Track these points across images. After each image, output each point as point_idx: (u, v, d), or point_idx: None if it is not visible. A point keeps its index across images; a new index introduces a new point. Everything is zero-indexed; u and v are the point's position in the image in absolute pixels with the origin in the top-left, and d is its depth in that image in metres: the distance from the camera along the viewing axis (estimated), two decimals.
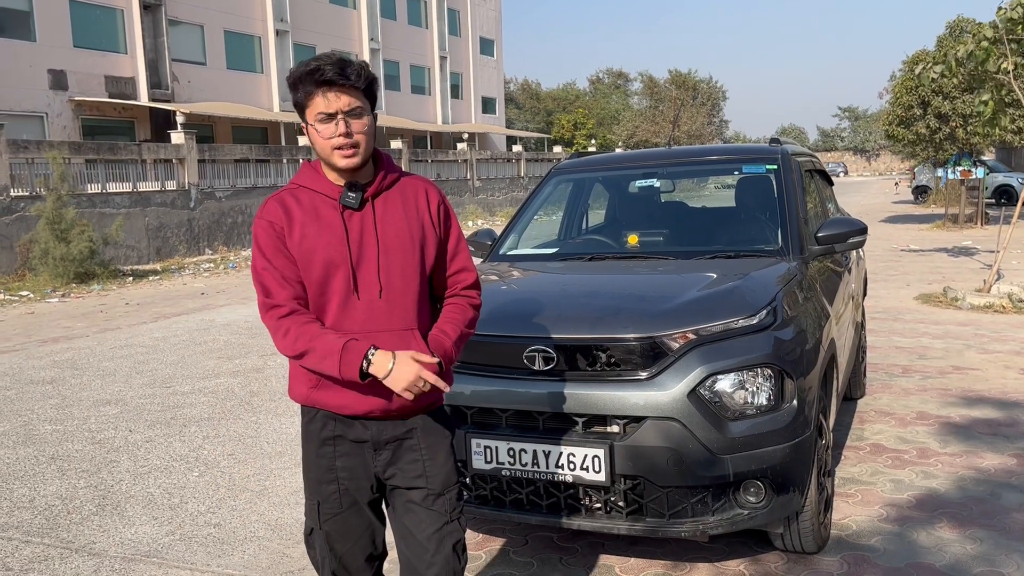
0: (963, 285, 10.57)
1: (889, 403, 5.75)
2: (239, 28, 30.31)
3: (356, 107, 2.17)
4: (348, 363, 2.12)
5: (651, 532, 3.11)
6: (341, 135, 2.15)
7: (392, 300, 2.25)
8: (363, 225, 2.24)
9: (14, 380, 7.65)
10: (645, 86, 70.28)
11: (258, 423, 5.96)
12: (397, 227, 2.27)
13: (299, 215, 2.23)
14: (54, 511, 4.45)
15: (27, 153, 16.88)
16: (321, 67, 2.13)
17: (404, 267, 2.26)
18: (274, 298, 2.20)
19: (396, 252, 2.26)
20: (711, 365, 3.04)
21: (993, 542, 3.60)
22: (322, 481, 2.34)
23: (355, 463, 2.32)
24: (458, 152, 34.40)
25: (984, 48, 9.13)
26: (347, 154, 2.18)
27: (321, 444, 2.32)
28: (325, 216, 2.23)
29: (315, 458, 2.33)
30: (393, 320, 2.25)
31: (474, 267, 2.46)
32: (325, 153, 2.20)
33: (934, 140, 21.49)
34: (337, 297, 2.22)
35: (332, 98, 2.15)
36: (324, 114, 2.15)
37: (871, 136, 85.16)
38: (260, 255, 2.23)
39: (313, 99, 2.16)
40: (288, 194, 2.27)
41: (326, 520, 2.35)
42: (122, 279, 15.87)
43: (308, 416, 2.34)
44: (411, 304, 2.28)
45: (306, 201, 2.25)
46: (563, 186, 5.16)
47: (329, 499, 2.34)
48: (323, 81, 2.13)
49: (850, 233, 4.12)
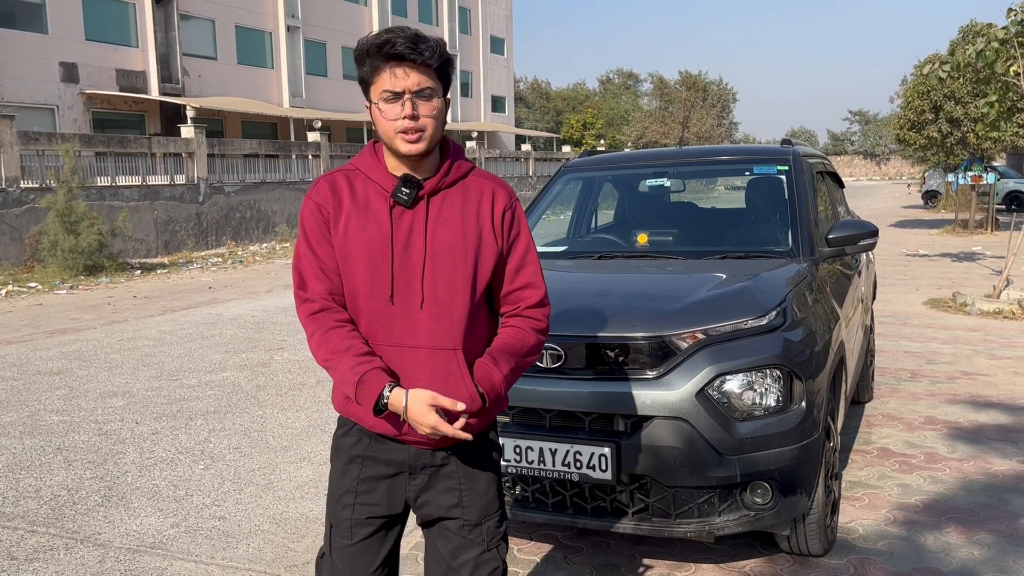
0: (973, 290, 10.52)
1: (897, 407, 5.72)
2: (250, 23, 30.37)
3: (426, 88, 1.95)
4: (364, 399, 1.93)
5: (657, 532, 3.10)
6: (407, 117, 1.94)
7: (436, 313, 2.00)
8: (412, 225, 2.01)
9: (22, 371, 7.68)
10: (655, 87, 70.21)
11: (264, 417, 5.96)
12: (450, 232, 2.03)
13: (348, 202, 2.03)
14: (60, 501, 4.46)
15: (38, 145, 16.93)
16: (392, 40, 1.92)
17: (452, 278, 2.01)
18: (307, 291, 2.02)
19: (444, 260, 2.01)
20: (720, 365, 3.02)
21: (1000, 548, 3.58)
22: (339, 503, 2.13)
23: (379, 487, 2.10)
24: (467, 150, 34.43)
25: (994, 48, 9.10)
26: (411, 139, 1.96)
27: (350, 460, 2.11)
28: (375, 209, 2.02)
29: (340, 476, 2.14)
30: (435, 336, 2.00)
31: (543, 284, 2.16)
32: (388, 136, 1.98)
33: (945, 145, 21.41)
34: (373, 301, 2.01)
35: (401, 75, 1.93)
36: (390, 92, 1.94)
37: (881, 140, 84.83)
38: (303, 240, 2.05)
39: (380, 75, 1.95)
40: (342, 176, 2.08)
41: (337, 549, 2.14)
42: (130, 272, 15.92)
43: (344, 428, 2.15)
44: (458, 320, 2.02)
45: (359, 188, 2.05)
46: (573, 184, 5.15)
47: (341, 525, 2.13)
48: (393, 55, 1.92)
49: (860, 235, 4.09)
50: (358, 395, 1.93)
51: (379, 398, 1.91)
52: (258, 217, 22.54)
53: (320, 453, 5.13)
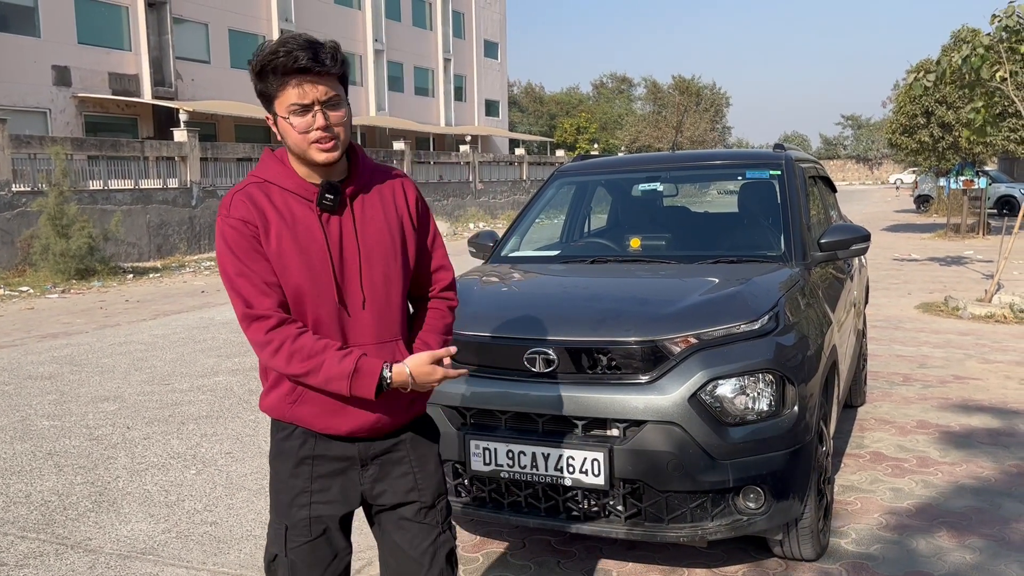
0: (964, 295, 10.56)
1: (889, 411, 5.73)
2: (243, 27, 30.34)
3: (333, 96, 1.97)
4: (362, 386, 1.98)
5: (649, 537, 3.10)
6: (320, 128, 1.96)
7: (376, 311, 2.08)
8: (342, 230, 2.05)
9: (12, 375, 7.64)
10: (648, 91, 70.31)
11: (256, 421, 5.94)
12: (378, 231, 2.10)
13: (274, 216, 2.01)
14: (50, 507, 4.43)
15: (29, 148, 16.88)
16: (293, 53, 1.91)
17: (387, 275, 2.10)
18: (256, 308, 1.97)
19: (378, 259, 2.09)
20: (712, 370, 3.03)
21: (992, 552, 3.58)
22: (293, 505, 2.12)
23: (334, 484, 2.13)
24: (461, 154, 34.42)
25: (980, 55, 9.16)
26: (326, 147, 1.97)
27: (298, 463, 2.11)
28: (302, 219, 2.02)
29: (288, 478, 2.13)
30: (379, 332, 2.09)
31: (451, 264, 2.33)
32: (300, 147, 1.98)
33: (937, 149, 21.51)
34: (318, 309, 2.03)
35: (308, 88, 1.94)
36: (299, 105, 1.94)
37: (874, 144, 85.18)
38: (233, 259, 1.99)
39: (285, 89, 1.94)
40: (257, 190, 2.04)
41: (293, 548, 2.12)
42: (122, 276, 15.87)
43: (284, 432, 2.13)
44: (395, 314, 2.13)
45: (279, 200, 2.03)
46: (566, 188, 5.15)
47: (298, 525, 2.12)
48: (296, 69, 1.92)
49: (853, 240, 4.10)
50: (354, 385, 1.97)
51: (381, 380, 1.99)
52: None
53: None
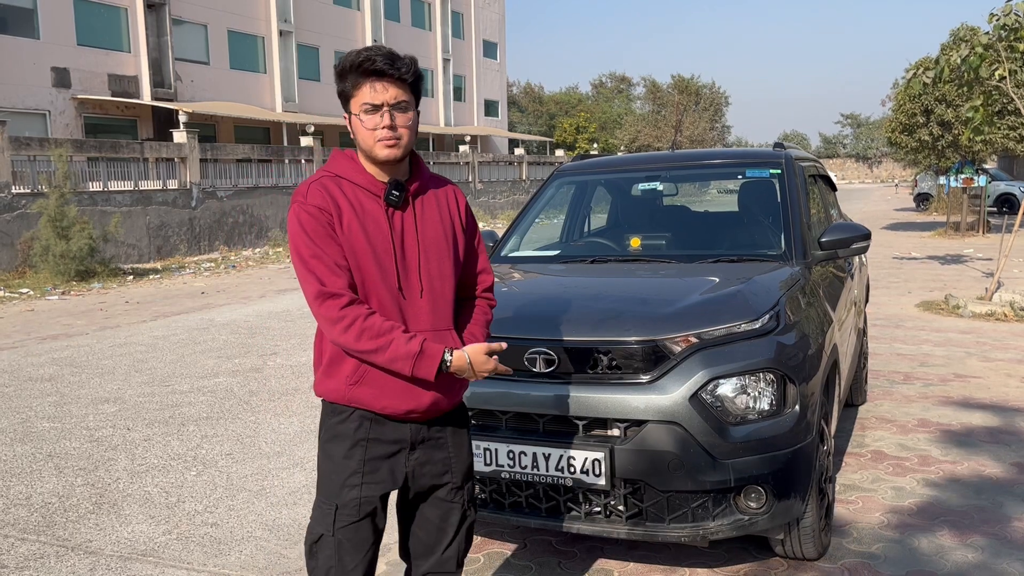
0: (965, 293, 10.55)
1: (890, 410, 5.73)
2: (243, 28, 30.32)
3: (402, 101, 2.19)
4: (424, 367, 2.16)
5: (651, 537, 3.09)
6: (386, 127, 2.17)
7: (432, 301, 2.28)
8: (404, 224, 2.26)
9: (13, 377, 7.64)
10: (648, 91, 70.28)
11: (257, 423, 5.94)
12: (435, 229, 2.31)
13: (346, 206, 2.20)
14: (51, 509, 4.43)
15: (29, 150, 16.87)
16: (372, 57, 2.15)
17: (441, 269, 2.30)
18: (330, 287, 2.14)
19: (434, 254, 2.29)
20: (713, 369, 3.02)
21: (994, 550, 3.58)
22: (345, 485, 2.27)
23: (383, 466, 2.28)
24: (460, 154, 34.42)
25: (979, 54, 9.16)
26: (389, 144, 2.18)
27: (353, 445, 2.26)
28: (371, 212, 2.22)
29: (342, 460, 2.27)
30: (435, 320, 2.28)
31: (492, 269, 2.54)
32: (367, 144, 2.19)
33: (936, 147, 21.49)
34: (380, 295, 2.21)
35: (380, 89, 2.16)
36: (370, 105, 2.16)
37: (873, 143, 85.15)
38: (308, 242, 2.16)
39: (360, 89, 2.17)
40: (330, 182, 2.23)
41: (341, 528, 2.28)
42: (122, 277, 15.86)
43: (341, 415, 2.28)
44: (448, 304, 2.33)
45: (349, 193, 2.22)
46: (566, 188, 5.14)
47: (348, 505, 2.28)
48: (373, 71, 2.15)
49: (853, 239, 4.10)
50: (417, 366, 2.15)
51: (442, 363, 2.19)
52: (251, 222, 22.49)
53: (313, 459, 5.10)
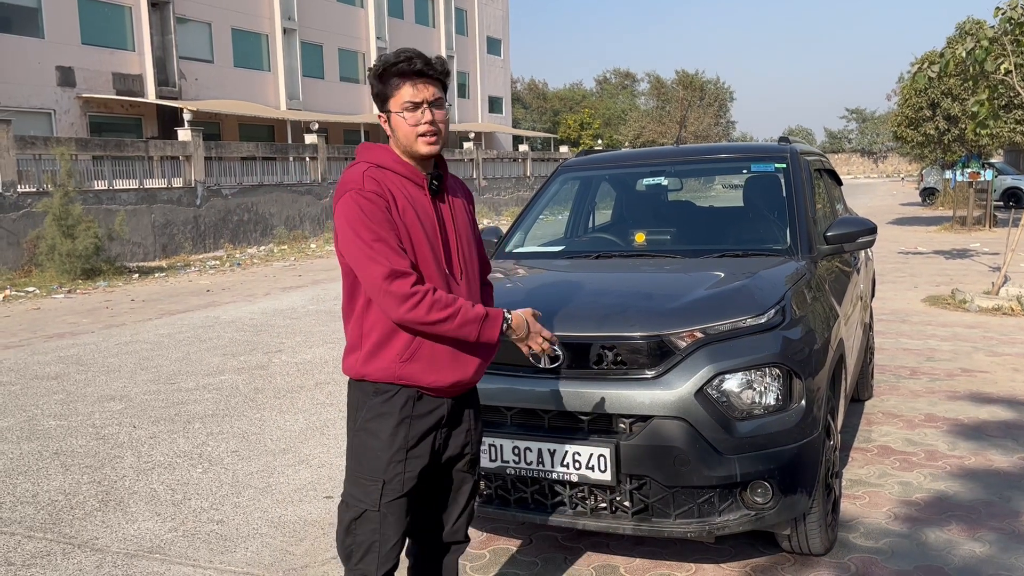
0: (971, 287, 10.51)
1: (897, 405, 5.71)
2: (247, 26, 30.32)
3: (439, 98, 2.37)
4: (489, 329, 2.36)
5: (657, 532, 3.08)
6: (427, 122, 2.33)
7: (468, 280, 2.49)
8: (443, 212, 2.45)
9: (19, 375, 7.66)
10: (652, 86, 70.24)
11: (262, 420, 5.94)
12: (463, 217, 2.54)
13: (399, 193, 2.35)
14: (57, 506, 4.44)
15: (34, 149, 16.90)
16: (412, 59, 2.32)
17: (470, 252, 2.53)
18: (398, 266, 2.26)
19: (465, 239, 2.51)
20: (719, 364, 3.01)
21: (1003, 545, 3.56)
22: (392, 461, 2.38)
23: (425, 442, 2.42)
24: (464, 151, 34.40)
25: (984, 47, 9.12)
26: (431, 140, 2.35)
27: (399, 422, 2.38)
28: (419, 199, 2.39)
29: (389, 436, 2.38)
30: (470, 296, 2.46)
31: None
32: (408, 140, 2.35)
33: (943, 142, 21.41)
34: (432, 275, 2.36)
35: (421, 88, 2.33)
36: (412, 103, 2.32)
37: (878, 138, 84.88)
38: (367, 227, 2.27)
39: (401, 88, 2.33)
40: (378, 172, 2.36)
41: (386, 503, 2.39)
42: (128, 276, 15.89)
43: (387, 394, 2.39)
44: (478, 286, 2.57)
45: (397, 183, 2.36)
46: (570, 184, 5.13)
47: (394, 480, 2.39)
48: (413, 72, 2.32)
49: (859, 233, 4.08)
50: (483, 329, 2.35)
51: (504, 322, 2.40)
52: (256, 220, 22.51)
53: (318, 456, 5.11)
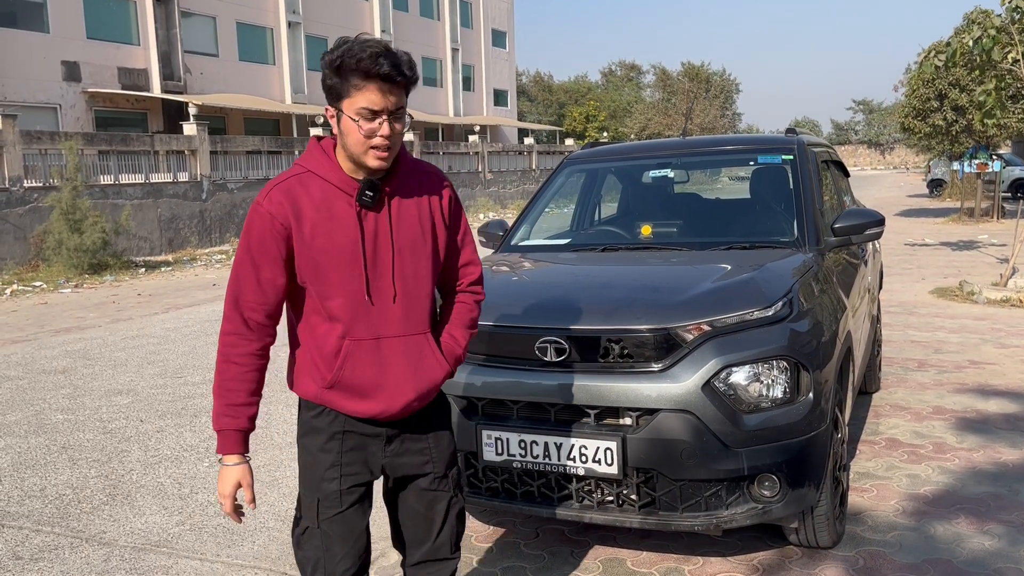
0: (979, 279, 10.46)
1: (905, 397, 5.68)
2: (251, 20, 30.30)
3: (400, 109, 2.04)
4: (218, 443, 2.26)
5: (664, 525, 3.08)
6: (383, 136, 2.02)
7: (406, 305, 2.17)
8: (378, 226, 2.12)
9: (26, 370, 7.68)
10: (658, 78, 69.92)
11: (268, 414, 5.95)
12: (411, 229, 2.17)
13: (309, 210, 2.07)
14: (65, 500, 4.45)
15: (40, 144, 16.94)
16: (378, 57, 1.95)
17: (417, 270, 2.18)
18: (238, 303, 2.18)
19: (410, 256, 2.16)
20: (726, 357, 2.99)
21: (1011, 538, 3.54)
22: (324, 478, 2.24)
23: (360, 457, 2.26)
24: (470, 144, 34.36)
25: (991, 36, 9.06)
26: (382, 155, 2.05)
27: (330, 438, 2.23)
28: (339, 213, 2.09)
29: (319, 453, 2.24)
30: (408, 324, 2.18)
31: (479, 260, 2.42)
32: (357, 149, 2.04)
33: (950, 133, 21.29)
34: (348, 300, 2.12)
35: (383, 95, 1.99)
36: (369, 111, 1.99)
37: (885, 129, 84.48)
38: (245, 247, 2.11)
39: (361, 92, 1.98)
40: (297, 183, 2.10)
41: (325, 520, 2.26)
42: (134, 270, 15.93)
43: (314, 411, 2.26)
44: (424, 306, 2.22)
45: (317, 193, 2.09)
46: (575, 176, 5.11)
47: (329, 497, 2.25)
48: (379, 75, 1.97)
49: (867, 224, 4.05)
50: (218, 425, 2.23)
51: (220, 459, 2.25)
52: None
53: None
